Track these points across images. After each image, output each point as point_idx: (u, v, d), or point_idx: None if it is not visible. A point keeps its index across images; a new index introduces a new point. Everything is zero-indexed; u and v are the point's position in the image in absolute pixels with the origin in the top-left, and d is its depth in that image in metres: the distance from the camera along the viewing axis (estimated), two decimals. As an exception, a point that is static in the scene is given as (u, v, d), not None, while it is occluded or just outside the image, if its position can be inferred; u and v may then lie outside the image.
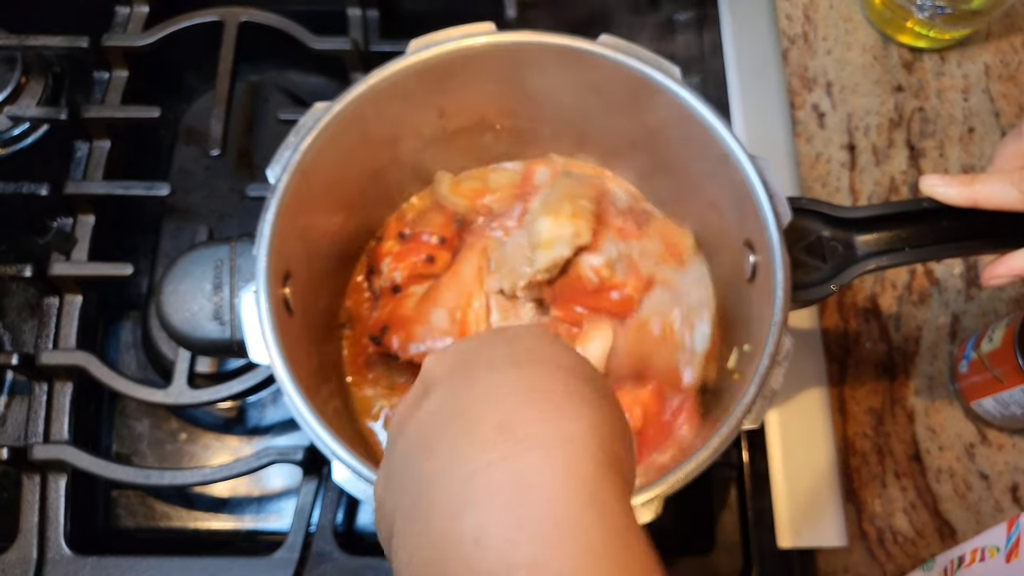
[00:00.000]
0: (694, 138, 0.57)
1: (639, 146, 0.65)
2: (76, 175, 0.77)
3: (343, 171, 0.61)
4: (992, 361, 0.67)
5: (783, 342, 0.51)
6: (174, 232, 0.79)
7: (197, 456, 0.73)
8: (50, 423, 0.69)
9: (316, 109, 0.56)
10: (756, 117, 0.81)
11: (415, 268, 0.65)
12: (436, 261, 0.65)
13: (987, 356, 0.67)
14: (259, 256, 0.52)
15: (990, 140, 0.83)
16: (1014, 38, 0.87)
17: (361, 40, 0.81)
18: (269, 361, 0.51)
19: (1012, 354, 0.64)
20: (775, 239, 0.52)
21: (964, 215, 0.55)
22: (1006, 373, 0.65)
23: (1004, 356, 0.65)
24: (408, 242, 0.66)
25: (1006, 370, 0.65)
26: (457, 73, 0.59)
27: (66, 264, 0.72)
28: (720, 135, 0.55)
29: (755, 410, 0.50)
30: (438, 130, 0.65)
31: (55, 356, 0.69)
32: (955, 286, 0.77)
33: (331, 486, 0.67)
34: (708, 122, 0.55)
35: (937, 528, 0.70)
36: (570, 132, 0.67)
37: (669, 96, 0.56)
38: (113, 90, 0.80)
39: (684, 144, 0.59)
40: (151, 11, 0.83)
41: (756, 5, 0.87)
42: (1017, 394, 0.65)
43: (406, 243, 0.66)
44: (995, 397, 0.68)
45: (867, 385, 0.74)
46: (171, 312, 0.54)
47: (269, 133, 0.83)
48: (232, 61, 0.77)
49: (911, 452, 0.72)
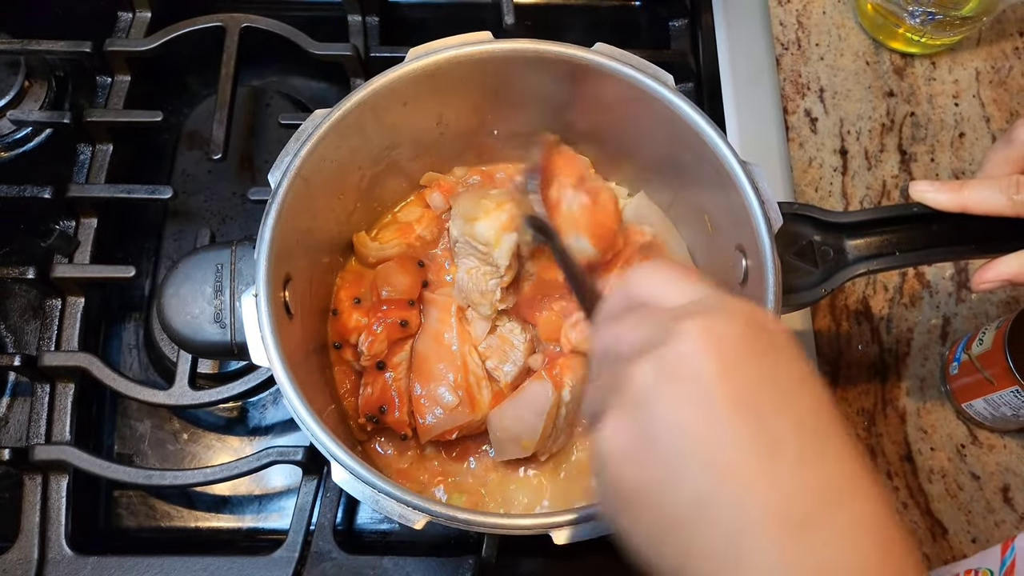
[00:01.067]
0: (687, 144, 0.58)
1: (633, 152, 0.66)
2: (79, 178, 0.78)
3: (343, 176, 0.62)
4: (983, 363, 0.68)
5: (774, 344, 0.52)
6: (176, 235, 0.80)
7: (198, 456, 0.74)
8: (52, 424, 0.70)
9: (316, 115, 0.57)
10: (750, 122, 0.83)
11: (391, 335, 0.63)
12: (410, 323, 0.64)
13: (978, 358, 0.69)
14: (259, 260, 0.53)
15: (981, 145, 0.84)
16: (1004, 44, 0.89)
17: (361, 46, 0.82)
18: (269, 364, 0.52)
19: (1002, 356, 0.65)
20: (766, 243, 0.53)
21: (954, 220, 0.56)
22: (996, 375, 0.66)
23: (994, 358, 0.66)
24: (373, 310, 0.64)
25: (996, 372, 0.66)
26: (454, 80, 0.60)
27: (69, 266, 0.73)
28: (713, 141, 0.56)
29: (746, 411, 0.51)
30: (436, 135, 0.66)
31: (57, 357, 0.70)
32: (946, 289, 0.78)
33: (331, 485, 0.67)
34: (701, 128, 0.57)
35: (929, 528, 0.71)
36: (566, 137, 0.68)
37: (662, 103, 0.57)
38: (116, 94, 0.81)
39: (677, 150, 0.60)
40: (154, 17, 0.84)
41: (750, 12, 0.88)
42: (1007, 396, 0.66)
43: (372, 312, 0.64)
44: (986, 399, 0.69)
45: (859, 386, 0.75)
46: (172, 315, 0.55)
47: (271, 137, 0.84)
48: (234, 66, 0.78)
49: (903, 452, 0.73)
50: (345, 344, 0.64)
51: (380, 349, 0.62)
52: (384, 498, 0.48)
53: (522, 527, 0.49)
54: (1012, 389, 0.65)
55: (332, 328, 0.65)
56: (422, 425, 0.61)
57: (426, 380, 0.62)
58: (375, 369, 0.63)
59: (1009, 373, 0.64)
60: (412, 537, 0.70)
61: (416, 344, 0.64)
